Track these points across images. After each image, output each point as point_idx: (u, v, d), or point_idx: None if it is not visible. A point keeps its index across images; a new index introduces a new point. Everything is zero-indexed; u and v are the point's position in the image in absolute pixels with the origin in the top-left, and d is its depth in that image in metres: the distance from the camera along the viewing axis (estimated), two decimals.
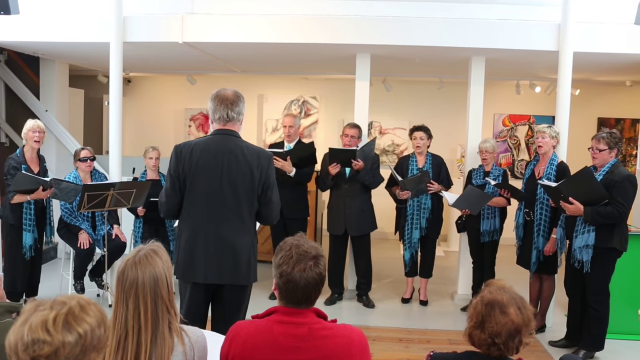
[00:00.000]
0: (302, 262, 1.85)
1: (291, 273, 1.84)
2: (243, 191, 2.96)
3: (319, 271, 1.87)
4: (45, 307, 1.29)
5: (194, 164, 2.95)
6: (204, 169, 2.95)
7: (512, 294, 1.89)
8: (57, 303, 1.30)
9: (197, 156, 2.96)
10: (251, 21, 5.25)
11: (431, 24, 5.15)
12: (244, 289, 3.08)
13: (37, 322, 1.25)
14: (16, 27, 5.46)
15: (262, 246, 6.98)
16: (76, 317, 1.29)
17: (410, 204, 5.35)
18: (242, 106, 3.05)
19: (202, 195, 2.96)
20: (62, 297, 1.34)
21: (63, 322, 1.26)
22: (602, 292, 4.17)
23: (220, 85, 3.30)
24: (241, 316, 3.12)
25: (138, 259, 1.86)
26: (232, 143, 2.99)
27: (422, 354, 4.26)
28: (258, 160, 2.99)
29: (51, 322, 1.25)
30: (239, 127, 3.07)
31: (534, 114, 8.75)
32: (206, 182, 2.95)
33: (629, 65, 5.99)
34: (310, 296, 1.88)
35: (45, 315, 1.26)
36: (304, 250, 1.88)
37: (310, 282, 1.85)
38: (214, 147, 2.98)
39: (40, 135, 4.89)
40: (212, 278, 2.95)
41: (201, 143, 3.00)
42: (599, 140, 4.16)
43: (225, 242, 2.96)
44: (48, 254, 6.56)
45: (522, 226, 4.82)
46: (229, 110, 2.98)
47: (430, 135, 5.41)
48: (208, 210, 2.96)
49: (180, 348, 1.88)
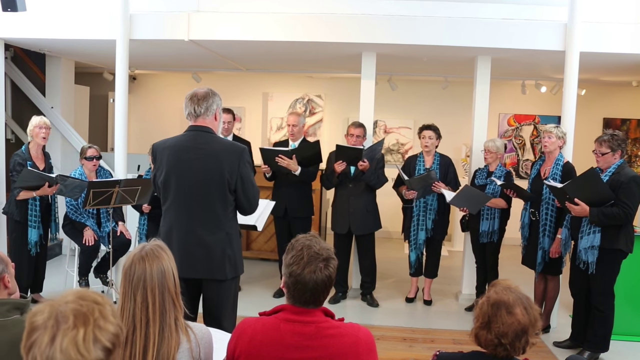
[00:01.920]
0: (312, 264, 1.85)
1: (301, 274, 1.84)
2: (214, 186, 3.00)
3: (328, 273, 1.87)
4: (69, 324, 1.25)
5: (165, 162, 3.03)
6: (175, 166, 3.02)
7: (518, 294, 1.89)
8: (79, 316, 1.26)
9: (167, 154, 3.04)
10: (257, 19, 5.25)
11: (437, 23, 5.14)
12: (221, 284, 3.07)
13: (67, 344, 1.22)
14: (23, 24, 5.48)
15: (265, 244, 6.99)
16: (101, 329, 1.27)
17: (417, 204, 5.33)
18: (211, 101, 3.07)
19: (175, 193, 3.03)
20: (77, 302, 1.29)
21: (93, 339, 1.25)
22: (607, 293, 4.16)
23: (225, 82, 3.33)
24: (227, 312, 3.12)
25: (145, 253, 1.90)
26: (203, 139, 3.04)
27: (426, 353, 4.27)
28: (228, 154, 3.02)
29: (81, 343, 1.23)
30: (211, 123, 3.10)
31: (540, 114, 8.73)
32: (178, 179, 3.02)
33: (635, 66, 5.96)
34: (318, 297, 1.88)
35: (74, 336, 1.23)
36: (315, 252, 1.87)
37: (320, 283, 1.85)
38: (185, 144, 3.05)
39: (47, 131, 4.92)
40: (187, 273, 2.97)
41: (172, 141, 3.10)
42: (601, 144, 4.15)
43: (198, 237, 3.01)
44: (53, 250, 6.58)
45: (528, 226, 4.81)
46: (195, 105, 3.04)
47: (439, 135, 5.37)
48: (181, 207, 3.03)
49: (187, 344, 1.89)
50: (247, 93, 9.01)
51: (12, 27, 5.53)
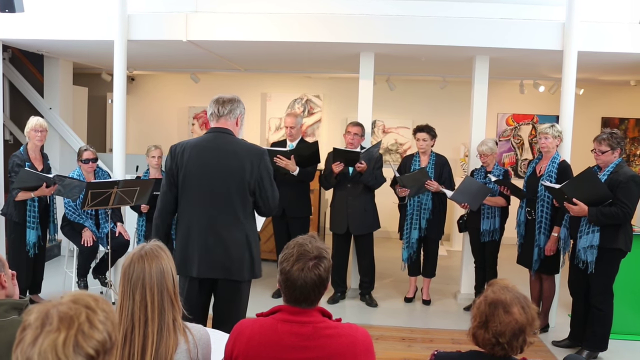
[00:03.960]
0: (301, 262, 1.85)
1: (290, 271, 1.85)
2: (235, 188, 3.01)
3: (318, 273, 1.85)
4: (52, 326, 1.22)
5: (185, 163, 3.04)
6: (196, 167, 3.03)
7: (516, 293, 1.89)
8: (64, 319, 1.23)
9: (189, 154, 3.05)
10: (255, 20, 5.26)
11: (435, 23, 5.14)
12: (238, 285, 3.09)
13: (46, 346, 1.19)
14: (21, 25, 5.47)
15: (264, 244, 6.99)
16: (85, 335, 1.23)
17: (411, 203, 5.34)
18: (236, 106, 3.12)
19: (195, 193, 3.04)
20: (68, 304, 1.27)
21: (73, 344, 1.21)
22: (605, 293, 4.17)
23: (223, 83, 3.37)
24: (240, 314, 3.13)
25: (144, 252, 1.91)
26: (224, 140, 3.06)
27: (425, 353, 4.27)
28: (249, 156, 3.04)
29: (61, 347, 1.19)
30: (233, 126, 3.13)
31: (538, 114, 8.73)
32: (198, 180, 3.03)
33: (634, 65, 5.97)
34: (308, 296, 1.87)
35: (54, 339, 1.20)
36: (305, 250, 1.87)
37: (308, 282, 1.84)
38: (206, 144, 3.07)
39: (42, 134, 4.90)
40: (204, 273, 3.01)
41: (194, 142, 3.12)
42: (600, 142, 4.15)
43: (217, 238, 3.02)
44: (51, 251, 6.57)
45: (524, 224, 4.81)
46: (219, 106, 3.08)
47: (434, 135, 5.38)
48: (201, 208, 3.04)
49: (184, 345, 1.89)
50: (246, 93, 8.98)
51: (10, 28, 5.53)
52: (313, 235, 1.98)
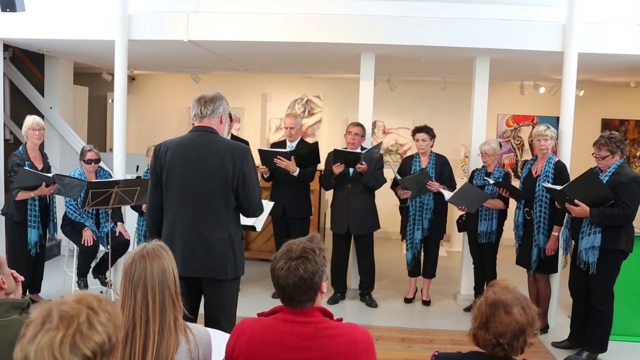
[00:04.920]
0: (283, 260, 1.85)
1: (274, 269, 1.87)
2: (217, 186, 3.01)
3: (300, 274, 1.82)
4: (52, 324, 1.22)
5: (169, 162, 3.04)
6: (179, 166, 3.03)
7: (516, 294, 1.90)
8: (64, 318, 1.23)
9: (171, 154, 3.05)
10: (256, 20, 5.26)
11: (436, 24, 5.15)
12: (222, 284, 3.08)
13: (43, 344, 1.19)
14: (21, 25, 5.48)
15: (264, 245, 7.00)
16: (84, 335, 1.22)
17: (412, 204, 5.35)
18: (218, 104, 3.10)
19: (178, 193, 3.04)
20: (70, 304, 1.26)
21: (70, 344, 1.20)
22: (606, 294, 4.17)
23: (223, 83, 3.36)
24: (228, 312, 3.13)
25: (146, 252, 1.91)
26: (207, 139, 3.05)
27: (425, 353, 4.27)
28: (232, 154, 3.02)
29: (57, 346, 1.19)
30: (217, 124, 3.12)
31: (538, 115, 8.74)
32: (181, 179, 3.03)
33: (634, 66, 5.97)
34: (292, 297, 1.85)
35: (52, 338, 1.20)
36: (289, 250, 1.87)
37: (289, 282, 1.82)
38: (189, 144, 3.06)
39: (40, 132, 4.89)
40: (188, 271, 2.99)
41: (177, 141, 3.12)
42: (600, 148, 4.15)
43: (200, 237, 3.02)
44: (51, 251, 6.57)
45: (522, 225, 4.81)
46: (202, 107, 3.07)
47: (433, 135, 5.39)
48: (184, 207, 3.04)
49: (185, 345, 1.89)
50: (246, 93, 9.01)
51: (11, 28, 5.53)
52: (313, 235, 1.97)
